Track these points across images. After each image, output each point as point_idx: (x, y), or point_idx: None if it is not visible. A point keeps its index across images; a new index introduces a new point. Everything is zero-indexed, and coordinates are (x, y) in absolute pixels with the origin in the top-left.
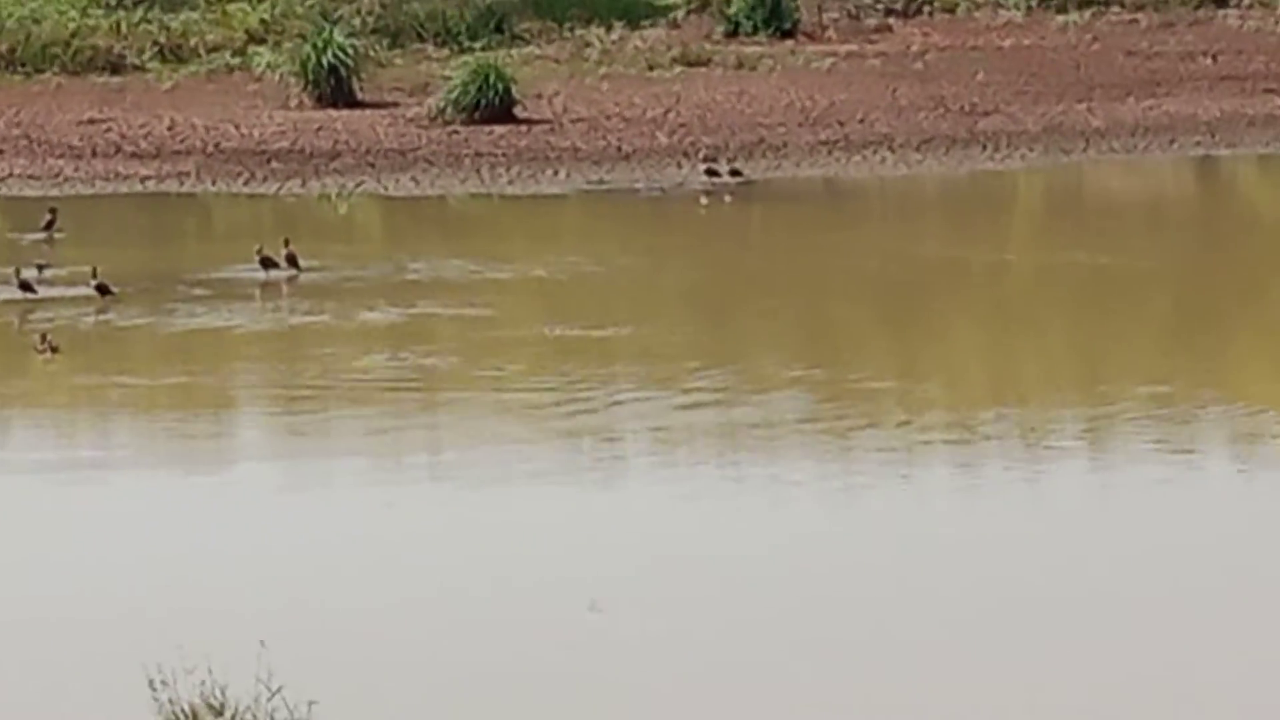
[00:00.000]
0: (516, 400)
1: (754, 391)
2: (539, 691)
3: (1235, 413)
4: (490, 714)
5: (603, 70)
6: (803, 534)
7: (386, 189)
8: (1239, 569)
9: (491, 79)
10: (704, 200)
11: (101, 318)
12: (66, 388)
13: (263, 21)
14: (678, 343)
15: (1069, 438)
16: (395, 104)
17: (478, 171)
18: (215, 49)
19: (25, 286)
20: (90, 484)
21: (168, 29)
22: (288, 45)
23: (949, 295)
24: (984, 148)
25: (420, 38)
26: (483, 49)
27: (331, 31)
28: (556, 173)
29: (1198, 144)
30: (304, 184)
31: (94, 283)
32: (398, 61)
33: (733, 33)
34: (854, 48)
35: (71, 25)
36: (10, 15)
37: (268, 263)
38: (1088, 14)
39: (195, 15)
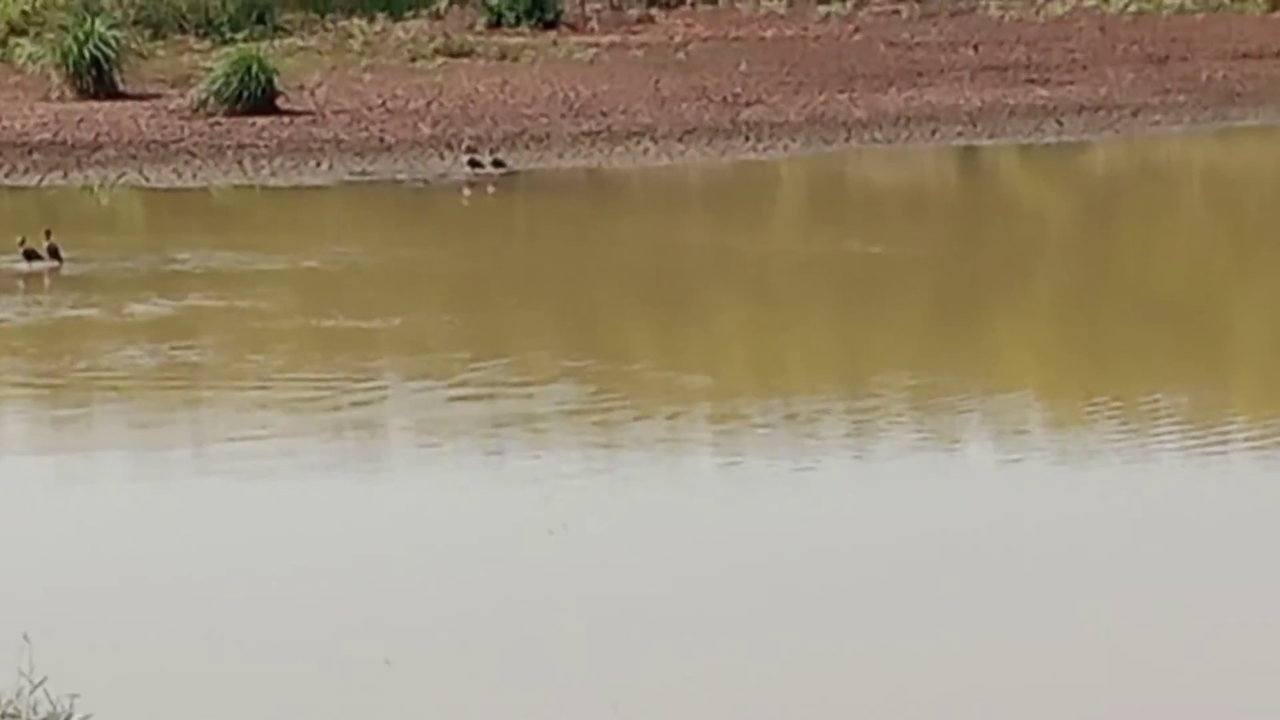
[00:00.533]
0: (284, 393)
1: (524, 383)
2: (302, 671)
3: (1000, 401)
4: (253, 701)
5: (365, 62)
6: (572, 523)
7: (149, 181)
8: (996, 558)
9: (254, 70)
10: (467, 191)
11: None
12: None
13: (24, 13)
14: (446, 334)
15: (836, 427)
16: (158, 95)
17: (240, 163)
18: None
19: None
20: None
21: None
22: (49, 37)
23: (715, 285)
24: (746, 138)
25: (183, 29)
26: (245, 40)
27: (93, 23)
28: (319, 164)
29: (960, 134)
30: (65, 176)
31: None
32: (160, 53)
33: (495, 24)
34: (617, 39)
35: None
36: None
37: (30, 255)
38: (850, 4)
39: None
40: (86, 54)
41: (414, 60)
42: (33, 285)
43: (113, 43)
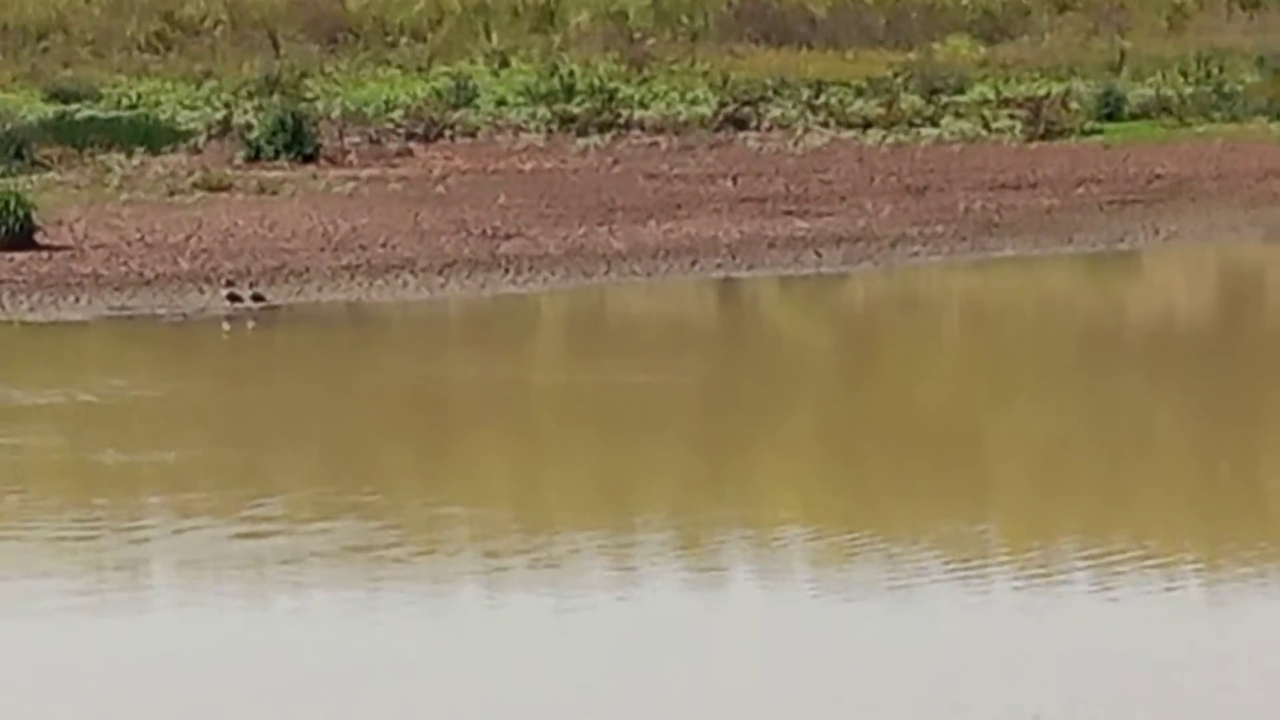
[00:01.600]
0: (50, 532)
1: (303, 520)
2: None
3: (758, 534)
4: None
5: (124, 196)
6: (352, 659)
7: None
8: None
9: (11, 205)
10: (227, 326)
11: None
12: None
13: None
14: (214, 471)
15: (593, 563)
16: None
17: None
18: None
19: None
20: None
21: None
22: None
23: (480, 419)
24: (506, 271)
25: None
26: (3, 175)
27: None
28: (78, 299)
29: (719, 266)
30: None
31: None
32: None
33: (254, 157)
34: (376, 172)
35: None
36: None
37: None
38: (608, 137)
39: None
40: None
41: (173, 194)
42: None
43: None
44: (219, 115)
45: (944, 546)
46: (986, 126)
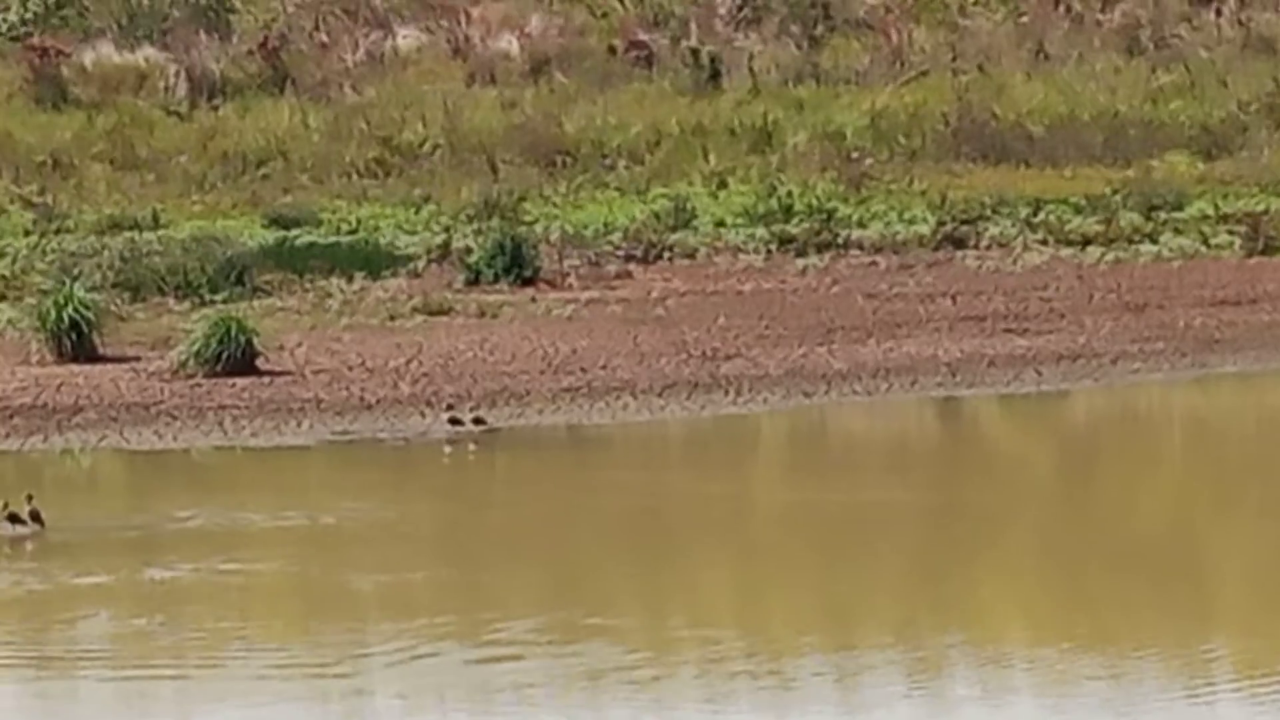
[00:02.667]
0: (286, 660)
1: (550, 643)
2: None
3: (984, 655)
4: None
5: (344, 321)
6: None
7: (129, 443)
8: None
9: (233, 331)
10: (448, 449)
11: None
12: None
13: (2, 278)
14: (449, 594)
15: (825, 687)
16: (137, 358)
17: (221, 424)
18: None
19: None
20: None
21: None
22: (28, 301)
23: (703, 538)
24: (726, 392)
25: (162, 291)
26: (224, 301)
27: (72, 286)
28: (300, 424)
29: (939, 384)
30: (46, 439)
31: None
32: (139, 315)
33: (474, 281)
34: (595, 294)
35: None
36: None
37: (13, 519)
38: (827, 257)
39: None
40: (65, 317)
41: (393, 319)
42: (15, 550)
43: (91, 306)
44: (438, 239)
45: (1172, 667)
46: (1205, 242)
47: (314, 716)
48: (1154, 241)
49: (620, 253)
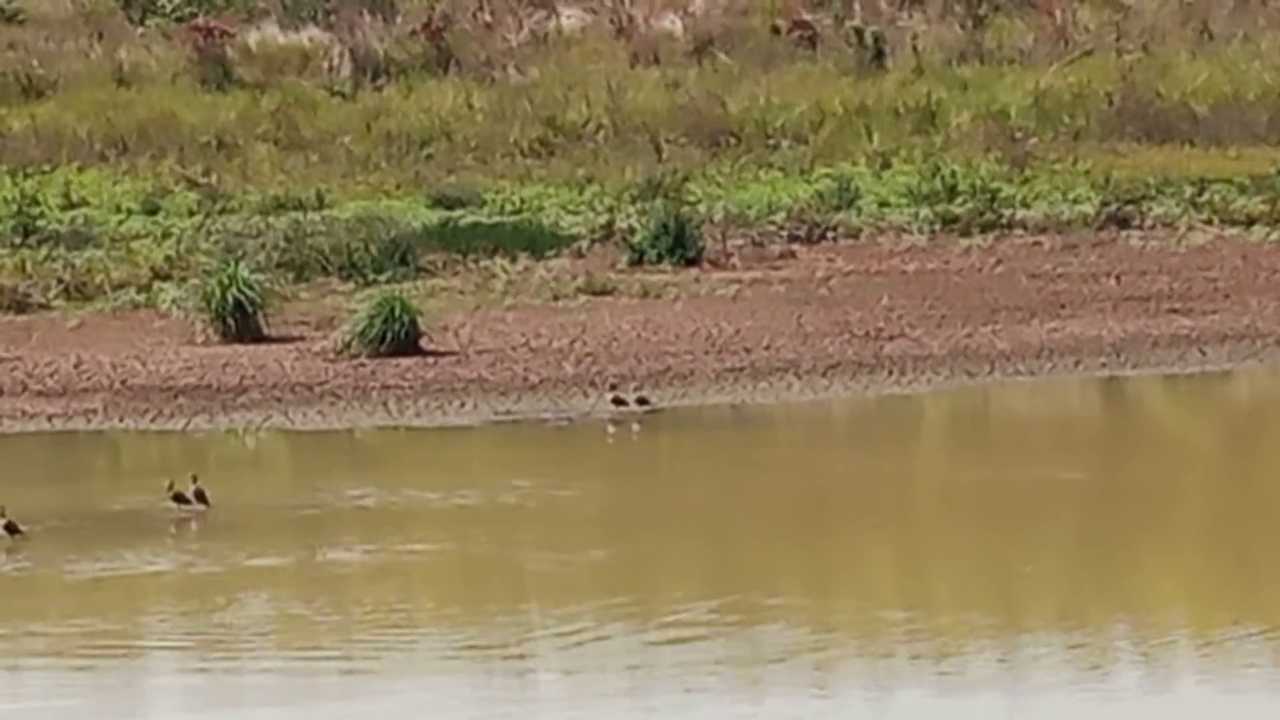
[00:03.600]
0: (460, 641)
1: (732, 624)
2: None
3: (1146, 633)
4: None
5: (508, 301)
6: None
7: (294, 423)
8: None
9: (397, 311)
10: (612, 429)
11: (9, 558)
12: None
13: (167, 258)
14: (626, 574)
15: (989, 661)
16: (301, 338)
17: (385, 404)
18: (120, 286)
19: None
20: None
21: (73, 266)
22: (193, 281)
23: (870, 518)
24: (890, 372)
25: (325, 271)
26: (388, 281)
27: (236, 267)
28: (464, 404)
29: (1103, 365)
30: (211, 419)
31: (2, 522)
32: (303, 295)
33: (638, 261)
34: (759, 274)
35: None
36: None
37: (179, 499)
38: (991, 237)
39: (100, 253)
40: (230, 298)
41: (557, 299)
42: (181, 531)
43: (256, 286)
44: (602, 219)
45: None
46: None
47: (484, 699)
48: None
49: (784, 233)
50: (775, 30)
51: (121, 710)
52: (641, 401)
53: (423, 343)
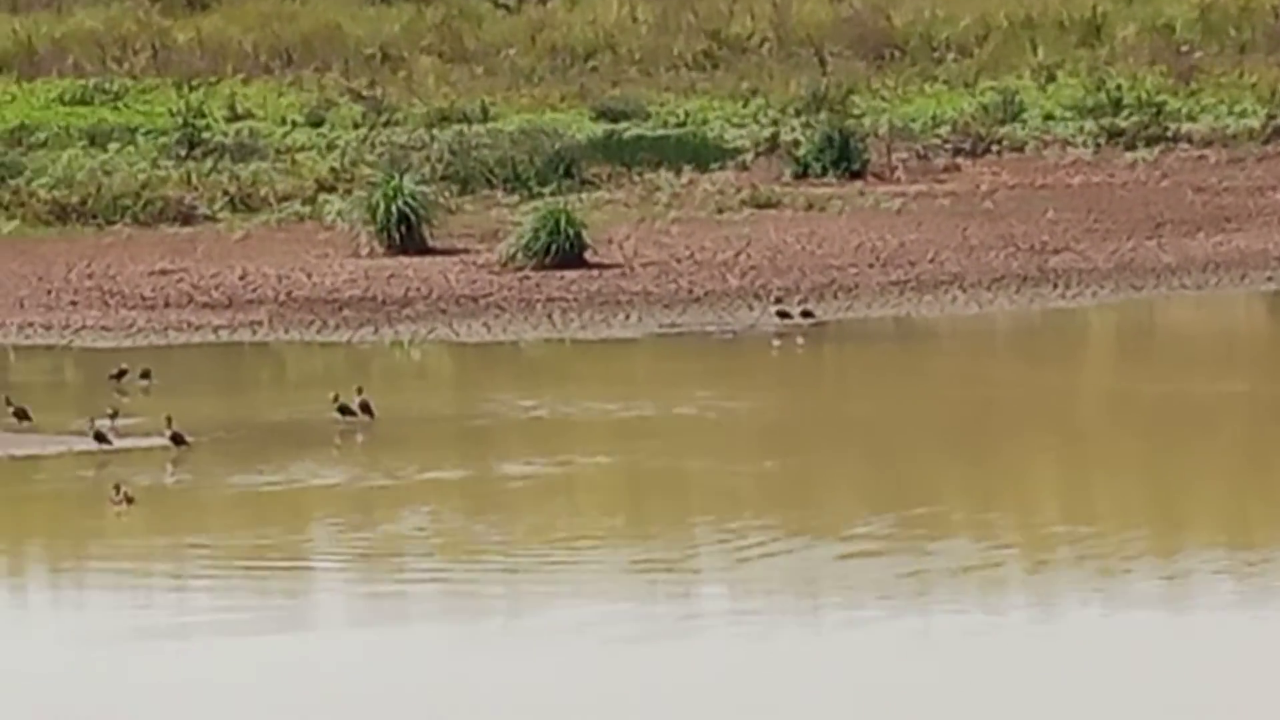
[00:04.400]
0: (635, 553)
1: (914, 539)
2: None
3: None
4: None
5: (673, 214)
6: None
7: (459, 335)
8: None
9: (562, 224)
10: (776, 342)
11: (175, 469)
12: (141, 543)
13: (332, 170)
14: (794, 485)
15: (1154, 574)
16: (466, 250)
17: (549, 317)
18: (285, 198)
19: (100, 438)
20: (166, 652)
21: (238, 179)
22: (358, 193)
23: (1037, 430)
24: (1055, 285)
25: (490, 184)
26: (552, 194)
27: (401, 179)
28: (628, 317)
29: (1268, 279)
30: (376, 331)
31: (168, 433)
32: (468, 208)
33: (802, 174)
34: (923, 188)
35: (142, 176)
36: (81, 167)
37: (344, 411)
38: (1156, 150)
39: (265, 165)
40: (395, 210)
41: (721, 212)
42: (346, 442)
43: (420, 198)
44: (766, 132)
45: None
46: None
47: (651, 614)
48: None
49: (948, 146)
50: None
51: (286, 625)
52: (806, 314)
53: (587, 255)
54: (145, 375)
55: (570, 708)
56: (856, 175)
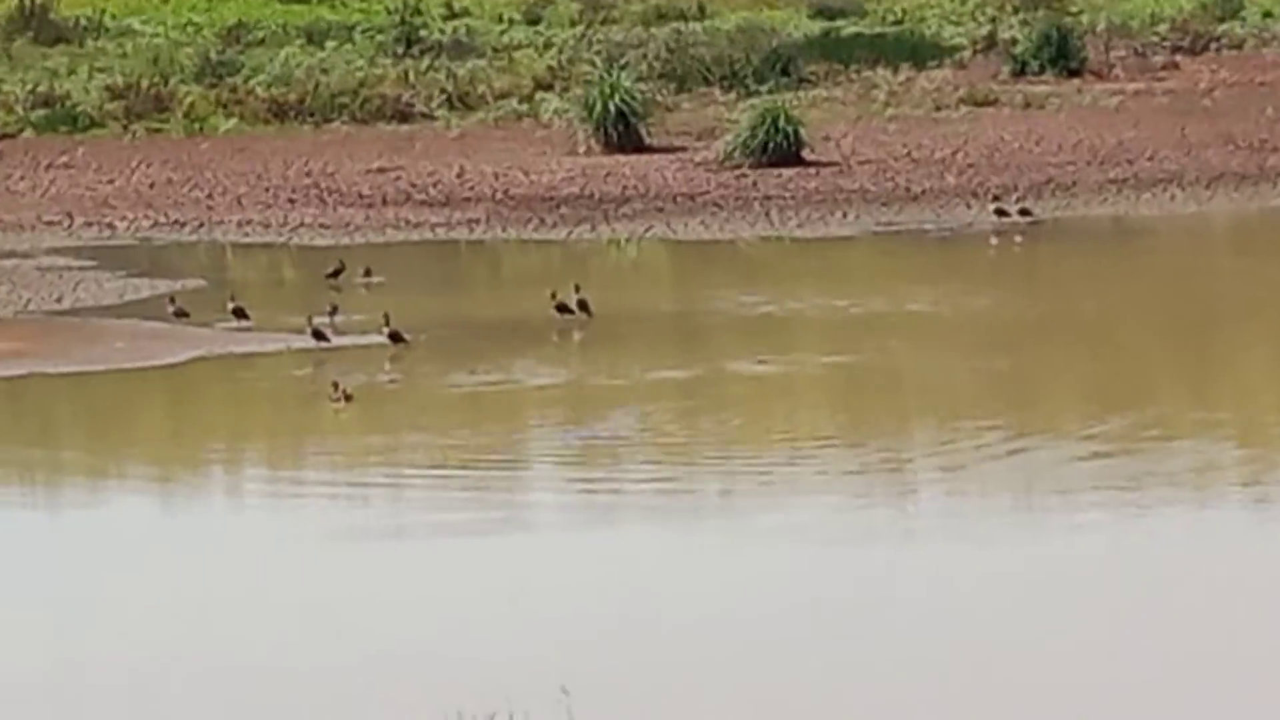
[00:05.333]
0: (856, 454)
1: (1154, 439)
2: None
3: None
4: None
5: (890, 112)
6: None
7: (675, 233)
8: None
9: (779, 122)
10: (994, 240)
11: (393, 366)
12: (358, 441)
13: (549, 68)
14: (1020, 385)
15: None
16: (683, 148)
17: (767, 214)
18: (503, 96)
19: (318, 335)
20: (386, 552)
21: (455, 77)
22: (575, 91)
23: (1266, 329)
24: (1274, 184)
25: (707, 81)
26: (769, 92)
27: (618, 77)
28: (845, 215)
29: None
30: (593, 229)
31: (386, 330)
32: (685, 105)
33: (1019, 72)
34: (1141, 85)
35: (360, 74)
36: (299, 65)
37: (562, 309)
38: None
39: (482, 63)
40: (612, 108)
41: (938, 110)
42: (564, 340)
43: (637, 96)
44: (984, 30)
45: None
46: None
47: (868, 519)
48: None
49: (1166, 44)
50: None
51: (501, 526)
52: (1024, 213)
53: (804, 153)
54: (367, 273)
55: (784, 612)
56: (1074, 73)
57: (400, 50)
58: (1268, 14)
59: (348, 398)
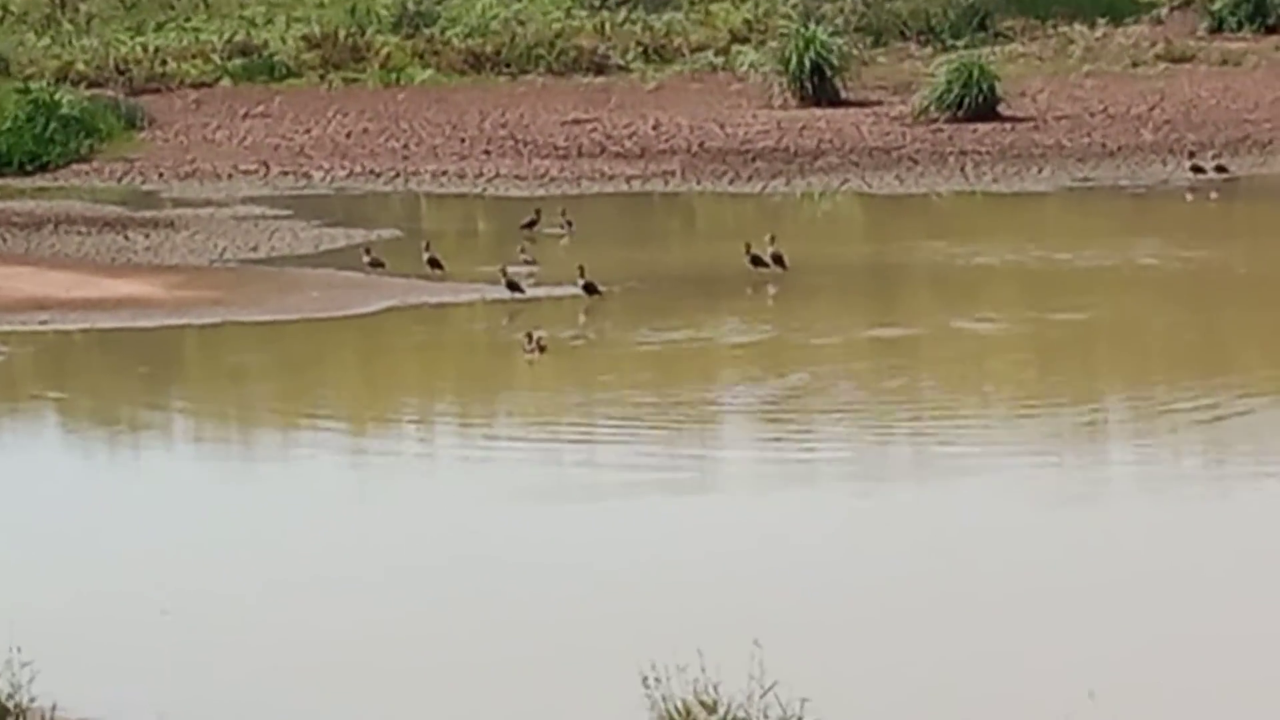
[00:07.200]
0: (1051, 414)
1: None
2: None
3: None
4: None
5: (1086, 68)
6: None
7: (870, 187)
8: None
9: (975, 77)
10: (1189, 197)
11: (588, 318)
12: (551, 395)
13: (746, 21)
14: (1233, 344)
15: None
16: (879, 102)
17: (962, 169)
18: (699, 49)
19: (513, 286)
20: (578, 505)
21: (651, 29)
22: (771, 44)
23: None
24: None
25: (903, 36)
26: (965, 47)
27: (815, 30)
28: (1040, 170)
29: None
30: (788, 182)
31: (581, 282)
32: (880, 60)
33: (1216, 29)
34: None
35: (556, 26)
36: (495, 16)
37: (757, 261)
38: None
39: (679, 15)
40: (808, 61)
41: (1135, 66)
42: (758, 293)
43: (834, 50)
44: None
45: None
46: None
47: (1061, 484)
48: None
49: None
50: None
51: (695, 486)
52: (1220, 169)
53: (1000, 108)
54: (568, 223)
55: (974, 572)
56: (1272, 30)
57: (597, 2)
58: None
59: (541, 349)
